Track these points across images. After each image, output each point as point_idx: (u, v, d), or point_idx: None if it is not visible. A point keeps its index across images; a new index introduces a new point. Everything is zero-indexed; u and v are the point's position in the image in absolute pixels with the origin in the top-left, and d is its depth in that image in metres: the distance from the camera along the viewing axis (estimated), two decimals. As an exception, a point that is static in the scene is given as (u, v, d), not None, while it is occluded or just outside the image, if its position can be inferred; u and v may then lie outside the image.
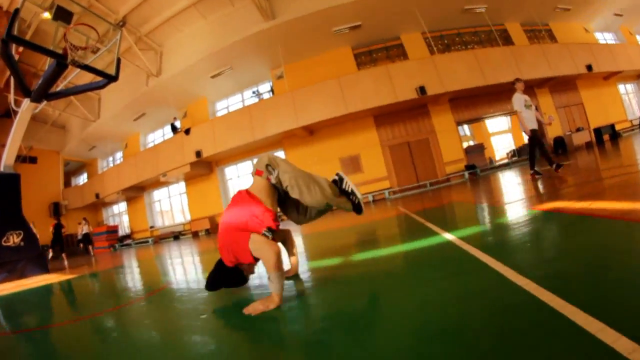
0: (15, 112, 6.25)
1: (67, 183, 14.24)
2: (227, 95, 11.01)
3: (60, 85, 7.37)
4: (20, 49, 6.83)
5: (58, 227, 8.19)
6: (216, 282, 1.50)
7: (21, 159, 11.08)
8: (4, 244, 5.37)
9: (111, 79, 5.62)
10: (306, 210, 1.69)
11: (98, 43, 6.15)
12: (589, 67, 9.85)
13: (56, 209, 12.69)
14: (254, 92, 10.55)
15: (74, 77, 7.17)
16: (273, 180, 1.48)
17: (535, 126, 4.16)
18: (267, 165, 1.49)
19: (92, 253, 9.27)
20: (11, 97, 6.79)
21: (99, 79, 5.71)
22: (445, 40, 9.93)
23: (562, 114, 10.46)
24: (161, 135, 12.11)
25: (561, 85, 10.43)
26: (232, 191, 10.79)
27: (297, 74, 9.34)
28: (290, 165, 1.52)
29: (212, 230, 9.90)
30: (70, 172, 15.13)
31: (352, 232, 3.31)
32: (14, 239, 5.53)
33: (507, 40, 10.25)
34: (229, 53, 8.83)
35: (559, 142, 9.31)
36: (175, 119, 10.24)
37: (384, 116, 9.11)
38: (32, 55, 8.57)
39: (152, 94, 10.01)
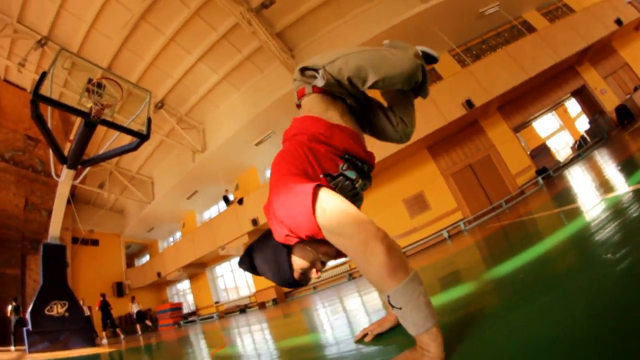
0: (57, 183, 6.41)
1: (130, 264, 15.04)
2: None
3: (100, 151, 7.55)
4: (56, 113, 7.24)
5: (104, 305, 8.45)
6: (251, 258, 0.86)
7: (81, 241, 11.86)
8: (47, 313, 5.31)
9: (142, 137, 5.73)
10: (402, 106, 1.04)
11: (123, 102, 6.11)
12: (619, 21, 9.18)
13: (119, 289, 13.27)
14: None
15: (112, 142, 7.36)
16: (321, 83, 0.87)
17: None
18: (302, 71, 0.93)
19: (151, 326, 9.58)
20: (52, 166, 6.74)
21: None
22: (473, 50, 9.83)
23: (611, 82, 9.68)
24: (216, 211, 12.52)
25: (600, 53, 9.76)
26: None
27: None
28: (340, 49, 0.92)
29: (279, 299, 9.40)
30: (134, 254, 16.05)
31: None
32: (58, 309, 5.49)
33: (530, 30, 9.96)
34: (267, 117, 9.13)
35: (622, 110, 8.36)
36: (227, 191, 10.51)
37: (438, 145, 8.77)
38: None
39: (200, 171, 10.52)
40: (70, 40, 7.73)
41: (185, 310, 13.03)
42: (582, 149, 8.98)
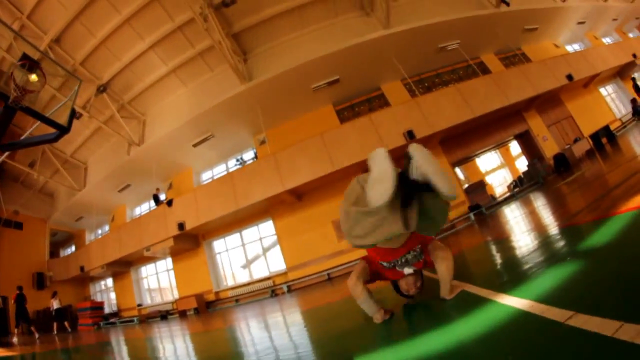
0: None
1: (54, 253, 13.54)
2: (211, 166, 10.78)
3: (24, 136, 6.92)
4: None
5: (20, 299, 7.53)
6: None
7: (4, 222, 10.62)
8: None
9: (62, 130, 5.04)
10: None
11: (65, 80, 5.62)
12: (570, 77, 9.88)
13: (40, 280, 11.83)
14: (237, 161, 10.27)
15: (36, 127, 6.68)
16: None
17: None
18: None
19: (69, 329, 8.56)
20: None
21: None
22: (426, 83, 9.92)
23: (554, 131, 10.36)
24: (147, 208, 11.64)
25: (547, 103, 10.35)
26: (221, 266, 9.96)
27: (279, 138, 9.07)
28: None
29: (201, 309, 8.81)
30: (59, 243, 14.48)
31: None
32: None
33: (485, 72, 10.37)
34: (209, 119, 8.63)
35: (560, 159, 8.82)
36: (158, 190, 9.77)
37: (373, 171, 8.57)
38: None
39: (135, 164, 9.71)
40: (23, 1, 6.83)
41: (107, 310, 11.96)
42: (517, 190, 9.33)
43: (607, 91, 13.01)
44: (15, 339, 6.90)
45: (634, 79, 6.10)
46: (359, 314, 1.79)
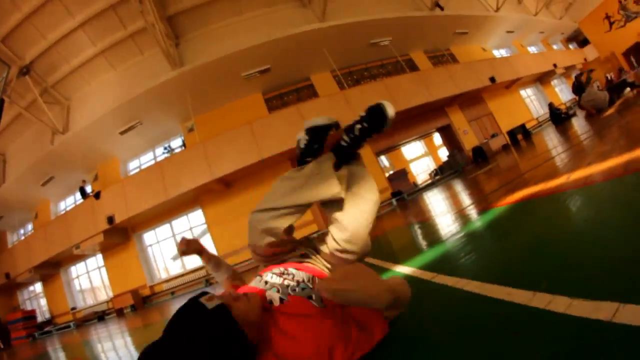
0: None
1: (-28, 261, 12.10)
2: (138, 154, 10.35)
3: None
4: None
5: None
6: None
7: None
8: None
9: None
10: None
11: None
12: (492, 79, 10.83)
13: None
14: (165, 149, 9.99)
15: None
16: None
17: None
18: None
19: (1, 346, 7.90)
20: None
21: None
22: (355, 75, 10.34)
23: (475, 126, 11.39)
24: (73, 202, 10.85)
25: (469, 100, 11.30)
26: (153, 259, 9.69)
27: (208, 125, 8.98)
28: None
29: (138, 305, 8.55)
30: (-22, 249, 12.96)
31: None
32: None
33: (413, 68, 11.10)
34: (137, 106, 8.30)
35: (478, 151, 9.82)
36: (84, 182, 9.20)
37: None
38: None
39: (58, 154, 9.01)
40: None
41: (40, 319, 10.98)
42: (437, 178, 10.27)
43: (527, 93, 14.51)
44: None
45: (577, 77, 6.92)
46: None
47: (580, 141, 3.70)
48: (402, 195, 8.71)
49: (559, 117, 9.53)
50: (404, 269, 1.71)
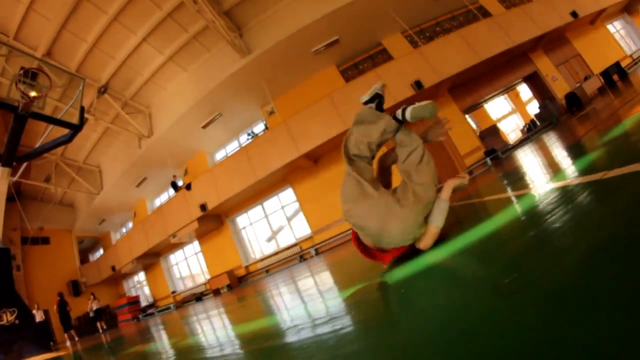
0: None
1: (84, 260, 14.13)
2: (223, 145, 10.87)
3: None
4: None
5: (62, 305, 7.84)
6: None
7: (31, 240, 11.11)
8: (-3, 322, 4.85)
9: (75, 128, 5.26)
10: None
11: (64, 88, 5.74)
12: (574, 14, 9.48)
13: (75, 287, 12.48)
14: (249, 135, 10.34)
15: (48, 133, 6.97)
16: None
17: None
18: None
19: (100, 330, 8.91)
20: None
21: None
22: (427, 32, 9.66)
23: (563, 70, 10.07)
24: (167, 197, 11.92)
25: (553, 42, 10.03)
26: (247, 241, 10.17)
27: (287, 106, 9.04)
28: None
29: (233, 284, 9.15)
30: (87, 249, 15.06)
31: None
32: (7, 317, 4.98)
33: (486, 15, 9.94)
34: (215, 98, 8.65)
35: (571, 98, 8.62)
36: (175, 177, 9.96)
37: (388, 124, 8.56)
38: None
39: (148, 156, 9.88)
40: (6, 23, 6.86)
41: (144, 303, 12.51)
42: (531, 132, 9.22)
43: (615, 27, 12.31)
44: (68, 343, 7.17)
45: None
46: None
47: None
48: (497, 152, 7.97)
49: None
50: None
